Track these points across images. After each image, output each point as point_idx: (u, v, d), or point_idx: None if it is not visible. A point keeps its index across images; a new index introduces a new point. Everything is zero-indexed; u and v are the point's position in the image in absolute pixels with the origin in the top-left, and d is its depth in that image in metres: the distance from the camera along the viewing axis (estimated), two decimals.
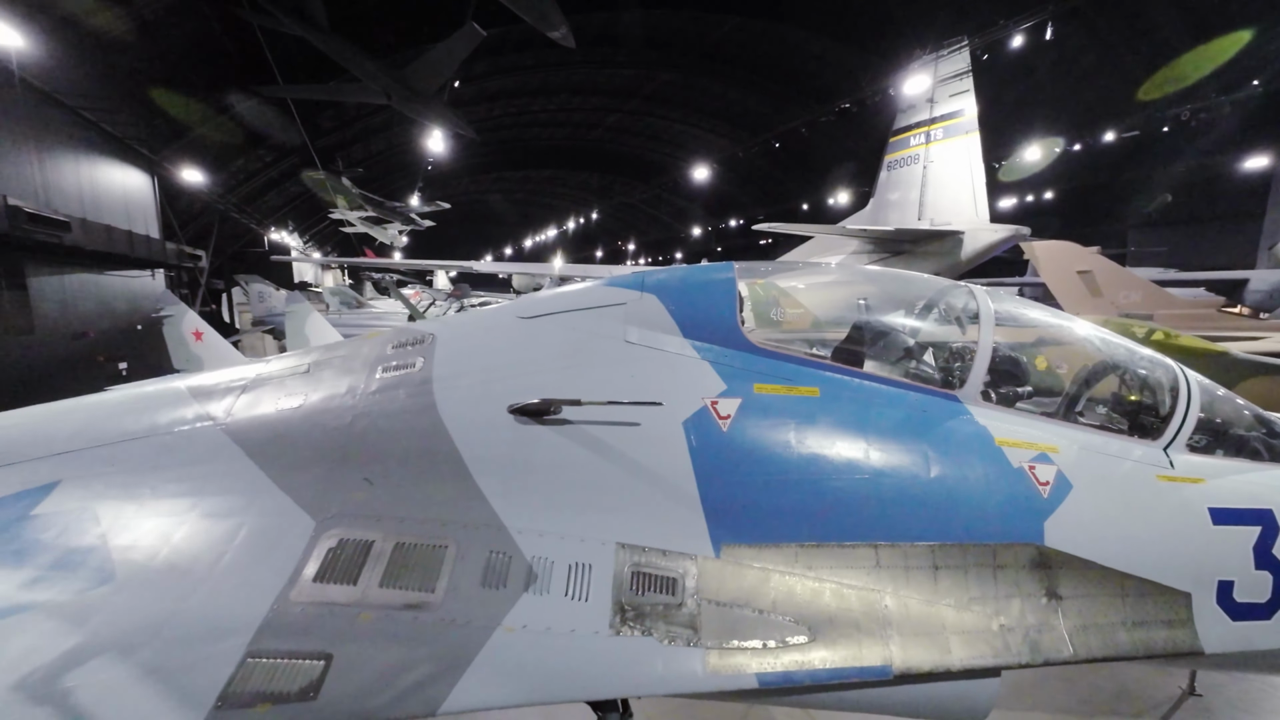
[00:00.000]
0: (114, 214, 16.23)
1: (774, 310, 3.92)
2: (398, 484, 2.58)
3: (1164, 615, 2.55)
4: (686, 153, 53.31)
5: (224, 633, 2.15)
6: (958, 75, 19.71)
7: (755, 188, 52.08)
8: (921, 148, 20.24)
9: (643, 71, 41.02)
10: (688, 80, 41.98)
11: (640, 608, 2.34)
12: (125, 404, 3.14)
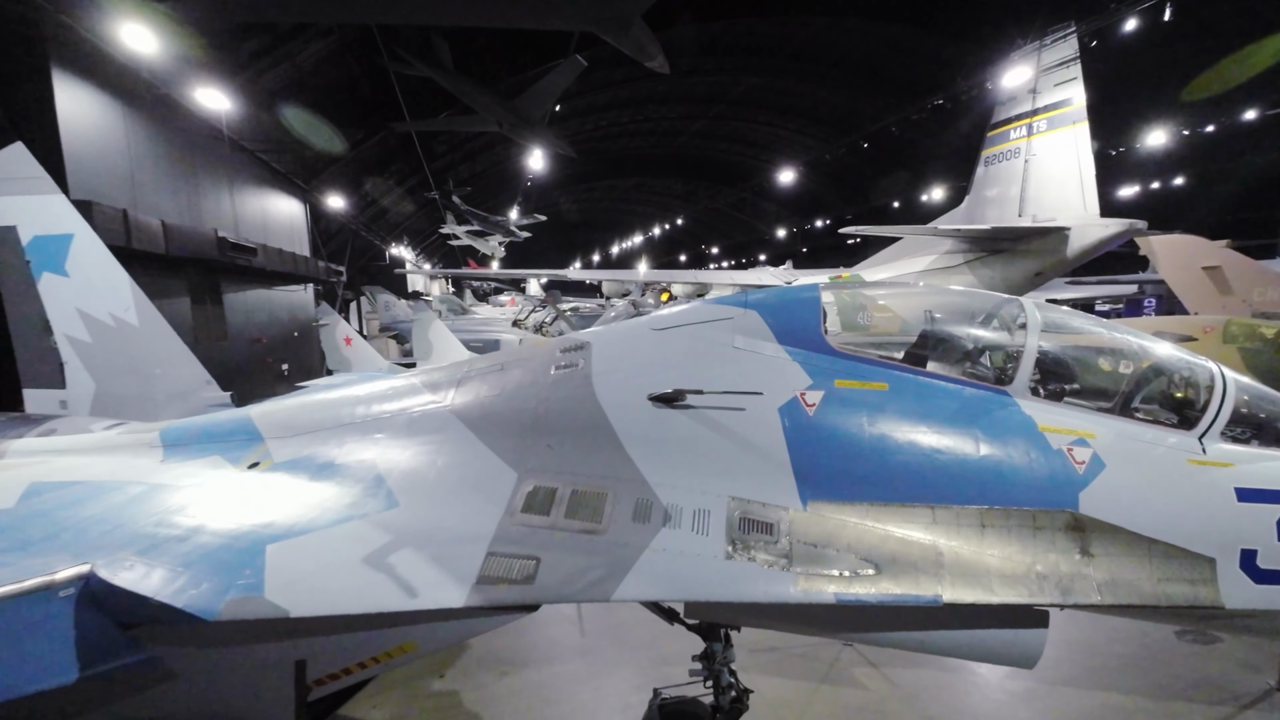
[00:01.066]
0: (281, 238, 19.38)
1: (860, 315, 4.68)
2: (570, 449, 3.67)
3: (1188, 575, 2.99)
4: (772, 154, 53.10)
5: (471, 539, 3.33)
6: (1064, 63, 18.77)
7: (844, 187, 50.91)
8: (1022, 140, 19.45)
9: (728, 77, 41.50)
10: (773, 83, 41.96)
11: (746, 542, 3.23)
12: (379, 393, 4.50)
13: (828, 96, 41.80)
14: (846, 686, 5.65)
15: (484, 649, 6.37)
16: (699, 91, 43.86)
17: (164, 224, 11.75)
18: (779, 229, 59.62)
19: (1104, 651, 6.14)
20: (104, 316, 7.13)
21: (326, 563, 3.19)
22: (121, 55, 11.05)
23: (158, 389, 7.19)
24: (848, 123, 40.74)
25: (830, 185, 51.53)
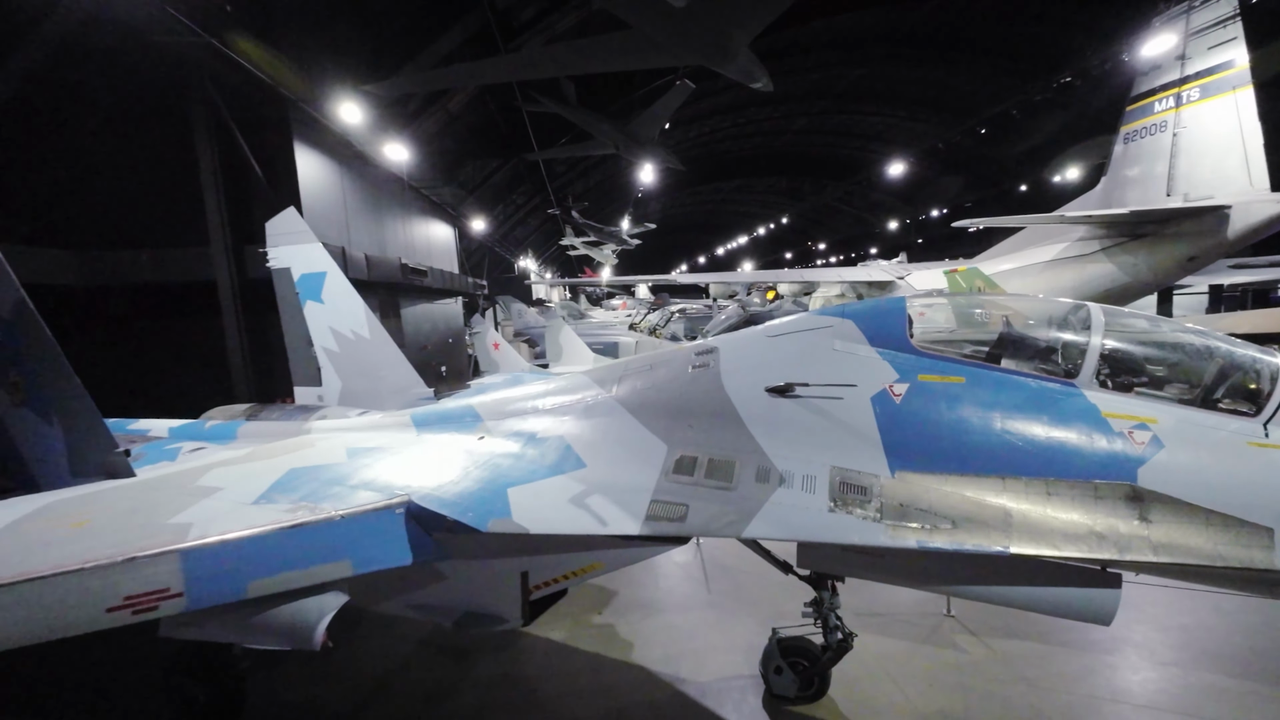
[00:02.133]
0: (438, 259, 22.78)
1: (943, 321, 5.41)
2: (707, 428, 4.92)
3: (1245, 542, 3.37)
4: (881, 144, 51.04)
5: (639, 490, 4.69)
6: (1221, 22, 16.89)
7: (964, 173, 47.68)
8: (1170, 113, 17.70)
9: (832, 72, 40.77)
10: (881, 72, 40.52)
11: (845, 500, 4.24)
12: (560, 387, 6.06)
13: (942, 79, 39.54)
14: (946, 648, 6.41)
15: (631, 597, 7.86)
16: (801, 90, 43.40)
17: (366, 256, 14.80)
18: (890, 221, 56.96)
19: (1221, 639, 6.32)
20: (347, 332, 9.51)
21: (547, 501, 4.73)
22: (337, 126, 14.10)
23: (384, 386, 9.47)
24: (966, 105, 38.32)
25: (948, 172, 48.49)
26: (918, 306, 4.94)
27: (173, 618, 3.99)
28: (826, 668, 5.62)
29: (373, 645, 6.99)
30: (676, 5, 10.20)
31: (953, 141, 39.13)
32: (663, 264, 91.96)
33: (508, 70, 14.86)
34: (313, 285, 9.58)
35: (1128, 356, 4.31)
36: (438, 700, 6.03)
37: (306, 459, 5.51)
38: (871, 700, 5.59)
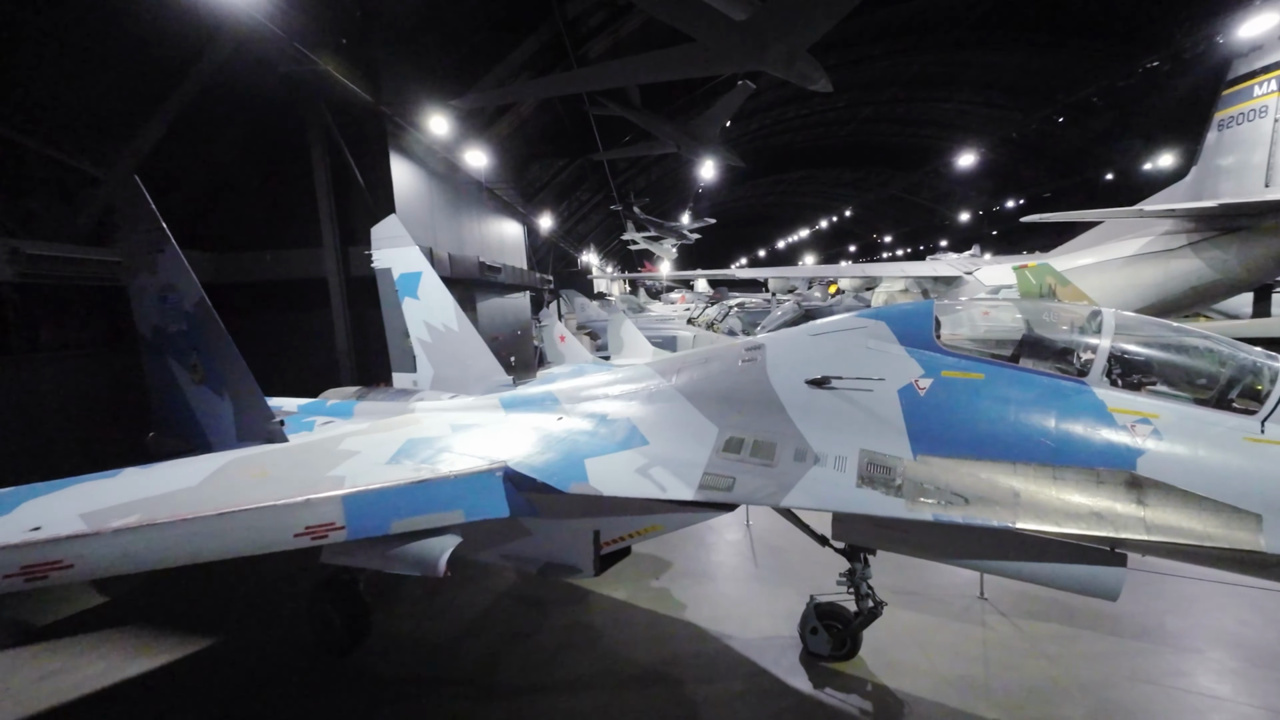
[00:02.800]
0: (509, 255, 24.38)
1: (967, 323, 5.93)
2: (753, 414, 5.69)
3: (1233, 525, 3.74)
4: (953, 132, 49.00)
5: (694, 464, 5.53)
6: None
7: (1042, 160, 45.12)
8: (1271, 97, 16.55)
9: (900, 60, 39.58)
10: (952, 57, 38.94)
11: (871, 477, 4.91)
12: (627, 377, 6.98)
13: (1020, 62, 37.51)
14: (975, 625, 6.95)
15: (685, 567, 8.76)
16: (867, 79, 42.28)
17: (450, 255, 16.33)
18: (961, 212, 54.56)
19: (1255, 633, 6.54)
20: (439, 325, 10.79)
21: (617, 470, 5.67)
22: (425, 137, 15.61)
23: (469, 374, 10.70)
24: (1045, 91, 36.36)
25: (1025, 160, 46.02)
26: (945, 309, 5.53)
27: (333, 546, 5.25)
28: (858, 631, 6.33)
29: (465, 596, 8.23)
30: (737, 19, 10.84)
31: (1030, 128, 37.14)
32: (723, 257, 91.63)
33: (578, 83, 15.95)
34: (410, 284, 10.91)
35: (1136, 358, 4.71)
36: (520, 640, 7.15)
37: (420, 431, 6.71)
38: (897, 663, 6.25)
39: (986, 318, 5.79)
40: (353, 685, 6.42)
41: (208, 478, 5.42)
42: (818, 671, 6.22)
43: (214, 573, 9.01)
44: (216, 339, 7.48)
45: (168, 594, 8.73)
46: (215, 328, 7.44)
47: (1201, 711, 5.40)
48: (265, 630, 7.62)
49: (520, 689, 6.23)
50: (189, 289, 7.60)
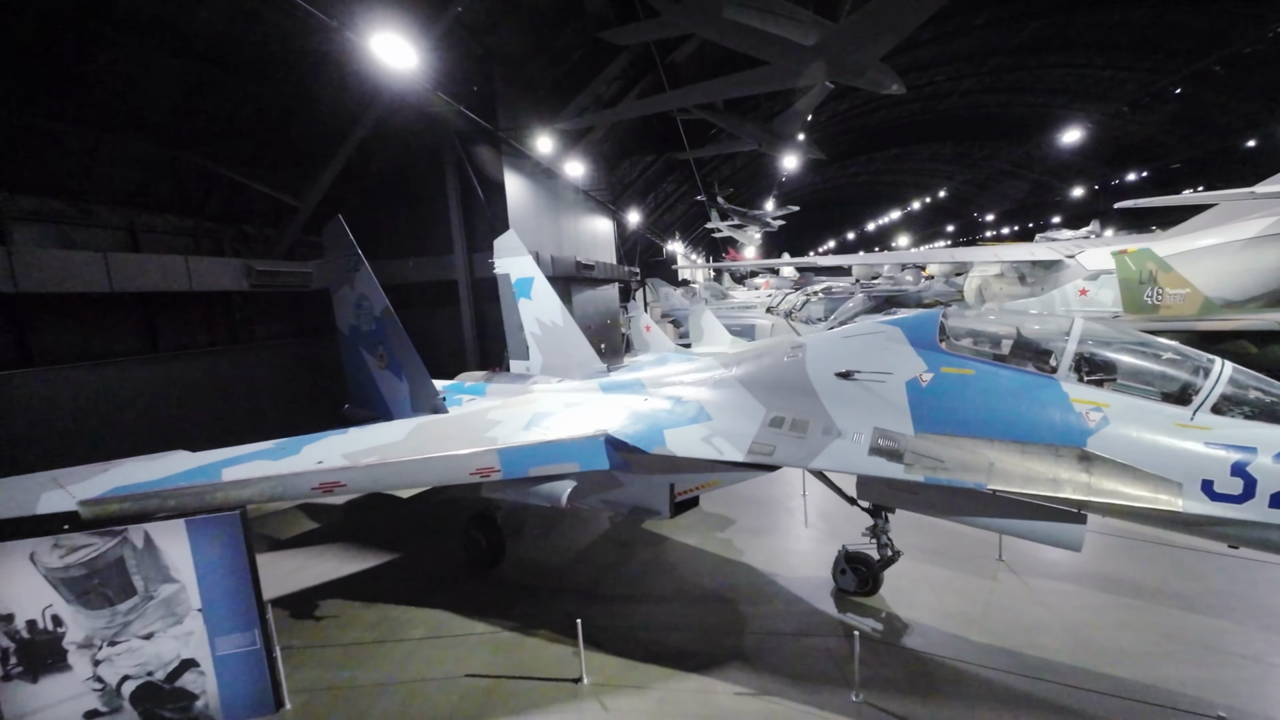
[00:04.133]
0: (601, 250, 26.87)
1: (967, 329, 7.18)
2: (793, 399, 7.39)
3: (1159, 491, 4.80)
4: (1069, 99, 45.45)
5: (745, 436, 7.31)
6: None
7: (1177, 126, 40.72)
8: None
9: (1006, 28, 37.35)
10: (1067, 20, 36.17)
11: (881, 449, 6.57)
12: (697, 367, 8.88)
13: (1150, 18, 34.11)
14: (986, 579, 8.29)
15: (746, 524, 10.62)
16: (968, 50, 40.22)
17: (552, 257, 18.88)
18: (1077, 186, 50.36)
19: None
20: (547, 321, 13.13)
21: (688, 439, 7.62)
22: (534, 155, 18.15)
23: (571, 361, 13.00)
24: (1181, 46, 32.99)
25: (1156, 126, 41.70)
26: (949, 317, 6.92)
27: (492, 483, 7.64)
28: (878, 572, 7.95)
29: (571, 536, 10.61)
30: (807, 44, 12.06)
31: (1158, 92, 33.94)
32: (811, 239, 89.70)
33: (663, 104, 17.69)
34: (525, 287, 13.33)
35: (1098, 359, 5.96)
36: (614, 568, 9.38)
37: (542, 407, 9.02)
38: (911, 600, 7.80)
39: (984, 325, 7.10)
40: (496, 588, 8.95)
41: (408, 434, 8.01)
42: (844, 603, 7.93)
43: (385, 509, 12.02)
44: (398, 336, 10.24)
45: (357, 525, 11.86)
46: (397, 328, 10.19)
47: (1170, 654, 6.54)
48: (432, 550, 10.42)
49: (613, 598, 8.46)
50: (378, 299, 10.41)
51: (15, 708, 5.87)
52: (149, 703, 6.14)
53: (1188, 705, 5.58)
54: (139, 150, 12.44)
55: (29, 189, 11.11)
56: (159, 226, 13.46)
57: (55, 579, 5.82)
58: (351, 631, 7.95)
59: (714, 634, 7.41)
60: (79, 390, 11.47)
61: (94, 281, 10.91)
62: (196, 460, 7.11)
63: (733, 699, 6.21)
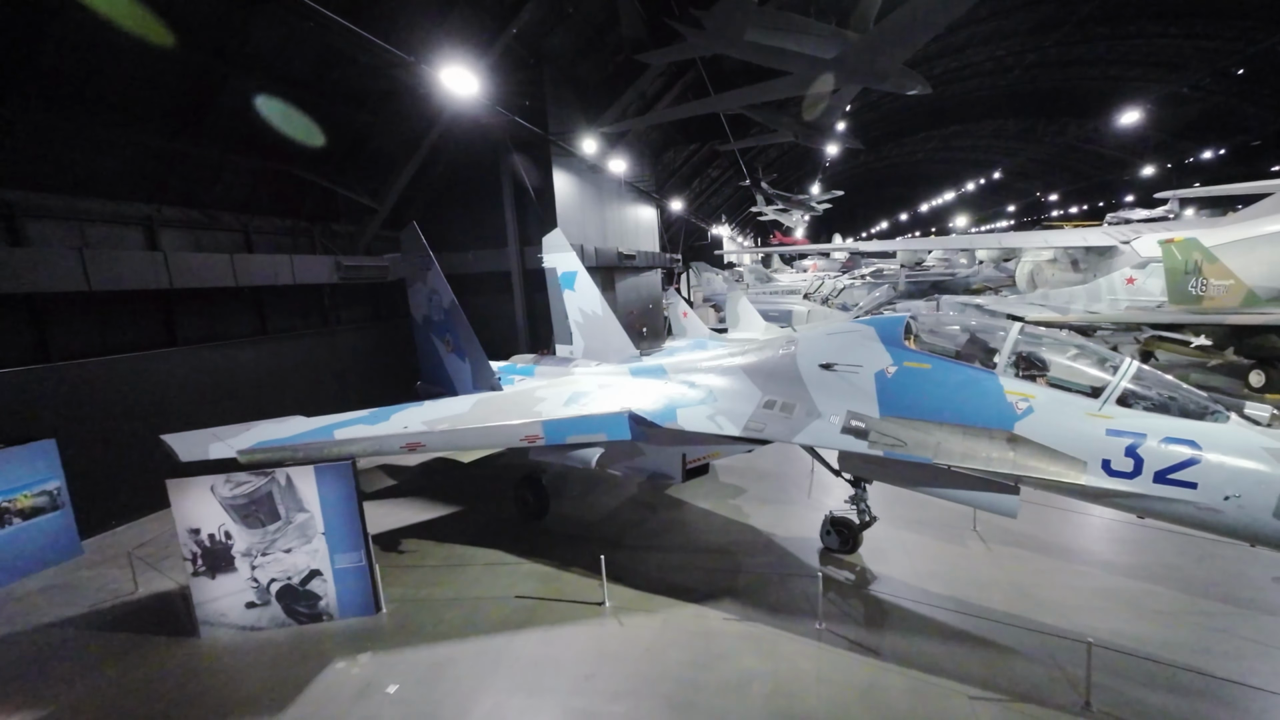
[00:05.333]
0: (644, 237, 28.35)
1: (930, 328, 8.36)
2: (783, 386, 8.78)
3: (1067, 468, 6.00)
4: (1145, 70, 42.79)
5: (742, 415, 8.84)
6: None
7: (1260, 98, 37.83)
8: None
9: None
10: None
11: (851, 428, 7.94)
12: (712, 356, 10.41)
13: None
14: (956, 545, 9.54)
15: (755, 494, 12.13)
16: (1030, 24, 38.60)
17: (596, 249, 20.57)
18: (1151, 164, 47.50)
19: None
20: (588, 310, 14.83)
21: (695, 416, 9.20)
22: (579, 154, 19.77)
23: (609, 348, 14.70)
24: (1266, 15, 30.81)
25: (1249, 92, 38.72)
26: (914, 320, 8.15)
27: (537, 449, 9.49)
28: (858, 533, 9.36)
29: (603, 498, 12.44)
30: (828, 57, 12.97)
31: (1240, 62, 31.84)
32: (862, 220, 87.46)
33: (705, 107, 18.84)
34: (569, 280, 15.04)
35: (1028, 356, 7.09)
36: (637, 524, 11.14)
37: (579, 387, 10.78)
38: (886, 559, 9.19)
39: (943, 327, 8.29)
40: (540, 535, 10.88)
41: (471, 407, 9.94)
42: (827, 558, 9.40)
43: (450, 474, 14.19)
44: (463, 326, 12.21)
45: (427, 485, 14.12)
46: (462, 318, 12.16)
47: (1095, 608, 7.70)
48: (489, 506, 12.49)
49: (635, 547, 10.23)
50: (446, 293, 12.39)
51: (201, 595, 8.21)
52: (288, 599, 8.38)
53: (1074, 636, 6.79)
54: (252, 165, 14.84)
55: (173, 201, 13.67)
56: (266, 228, 15.96)
57: (226, 505, 8.06)
58: (428, 562, 10.08)
59: (713, 576, 9.06)
60: (209, 366, 14.12)
61: (224, 277, 13.40)
62: (312, 423, 9.25)
63: (721, 622, 7.87)
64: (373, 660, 7.53)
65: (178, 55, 11.63)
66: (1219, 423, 5.90)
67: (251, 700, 6.90)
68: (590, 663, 7.19)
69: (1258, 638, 6.93)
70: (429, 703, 6.67)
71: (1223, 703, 5.96)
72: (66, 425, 11.22)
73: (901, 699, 6.26)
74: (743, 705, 6.32)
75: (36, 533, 10.55)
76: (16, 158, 10.83)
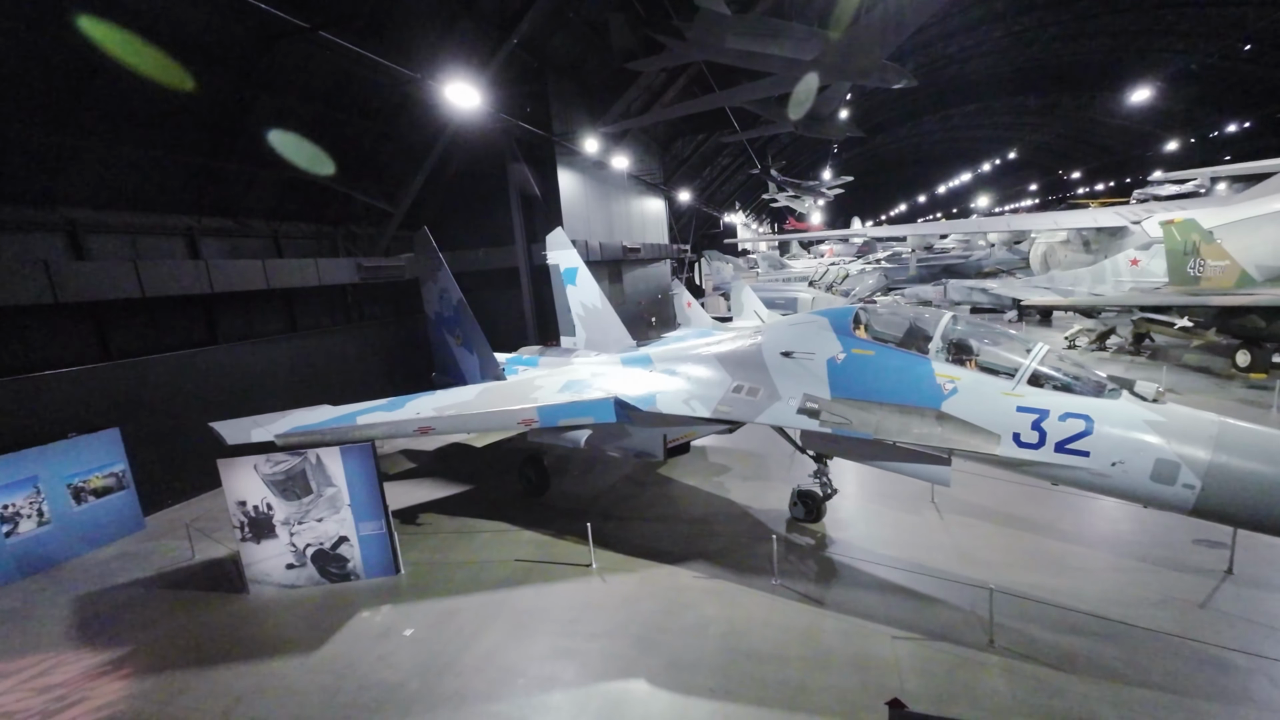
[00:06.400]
0: (652, 230, 29.27)
1: (875, 318, 9.23)
2: (749, 372, 9.75)
3: (985, 441, 6.87)
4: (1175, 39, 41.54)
5: (712, 399, 9.80)
6: None
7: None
8: None
9: None
10: None
11: (807, 409, 8.89)
12: (693, 345, 11.42)
13: None
14: (913, 515, 10.46)
15: (740, 470, 13.15)
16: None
17: (600, 244, 21.61)
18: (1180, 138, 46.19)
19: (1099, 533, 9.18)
20: (589, 303, 15.88)
21: (672, 400, 10.22)
22: (583, 152, 20.77)
23: (608, 338, 15.75)
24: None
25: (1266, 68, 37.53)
26: (861, 311, 9.03)
27: (534, 430, 10.67)
28: (821, 504, 10.35)
29: (599, 477, 13.62)
30: (808, 58, 13.63)
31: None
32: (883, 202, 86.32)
33: (700, 105, 19.63)
34: (570, 275, 16.13)
35: (955, 343, 7.93)
36: (629, 499, 12.29)
37: (573, 375, 11.92)
38: (846, 526, 10.17)
39: (887, 317, 9.14)
40: (540, 508, 12.11)
41: (476, 395, 11.16)
42: (794, 527, 10.42)
43: (463, 457, 15.52)
44: (470, 321, 13.43)
45: (443, 466, 15.48)
46: (469, 315, 13.38)
47: (1023, 564, 8.58)
48: (497, 485, 13.78)
49: (624, 518, 11.38)
50: (454, 292, 13.61)
51: (249, 558, 9.64)
52: (321, 562, 9.76)
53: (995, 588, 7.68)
54: (279, 176, 16.23)
55: (210, 212, 15.15)
56: (294, 233, 17.40)
57: (267, 480, 9.44)
58: (441, 531, 11.40)
59: (690, 541, 10.17)
60: (244, 360, 15.65)
61: (256, 281, 14.86)
62: (337, 411, 10.58)
63: (691, 579, 8.99)
64: (393, 610, 8.85)
65: (211, 83, 12.97)
66: (1112, 399, 6.72)
67: (293, 641, 8.27)
68: (575, 611, 8.39)
69: (1160, 589, 7.76)
70: (438, 642, 7.94)
71: (1112, 640, 6.85)
72: (127, 416, 12.82)
73: (834, 638, 7.30)
74: (699, 643, 7.43)
75: (107, 509, 12.19)
76: (79, 181, 12.34)
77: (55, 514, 11.36)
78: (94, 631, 8.98)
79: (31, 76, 10.71)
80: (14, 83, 10.59)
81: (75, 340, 12.55)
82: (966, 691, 6.26)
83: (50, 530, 11.28)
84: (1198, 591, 7.67)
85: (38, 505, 11.14)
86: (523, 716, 6.44)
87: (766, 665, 6.93)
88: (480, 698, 6.78)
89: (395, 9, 14.69)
